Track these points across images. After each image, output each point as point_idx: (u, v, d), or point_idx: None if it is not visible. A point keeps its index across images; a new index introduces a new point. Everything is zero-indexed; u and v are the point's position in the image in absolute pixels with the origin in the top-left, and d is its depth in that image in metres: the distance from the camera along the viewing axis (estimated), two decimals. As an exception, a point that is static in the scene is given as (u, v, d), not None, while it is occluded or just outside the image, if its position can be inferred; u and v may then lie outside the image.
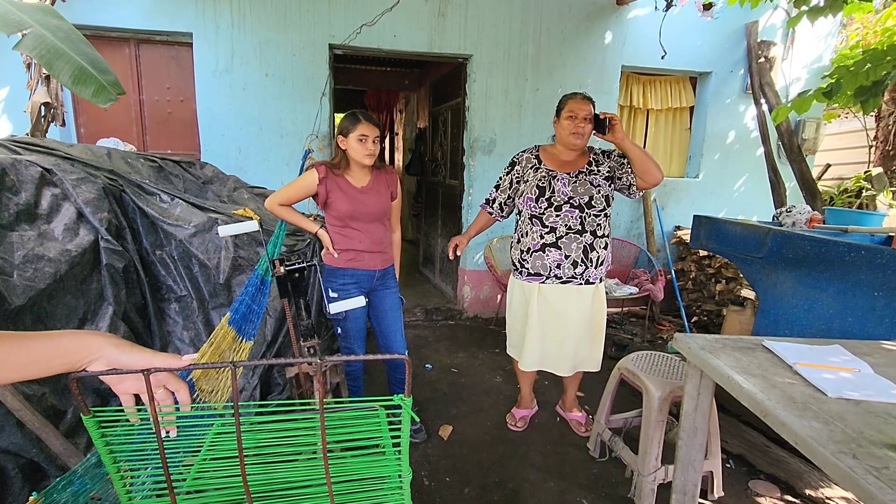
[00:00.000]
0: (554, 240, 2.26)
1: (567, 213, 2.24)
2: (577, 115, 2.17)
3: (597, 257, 2.27)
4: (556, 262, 2.26)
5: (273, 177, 3.65)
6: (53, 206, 2.21)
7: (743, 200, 4.73)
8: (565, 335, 2.32)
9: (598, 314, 2.34)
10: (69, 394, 2.05)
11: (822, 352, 1.54)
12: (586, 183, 2.23)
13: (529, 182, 2.29)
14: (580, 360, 2.37)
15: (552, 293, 2.30)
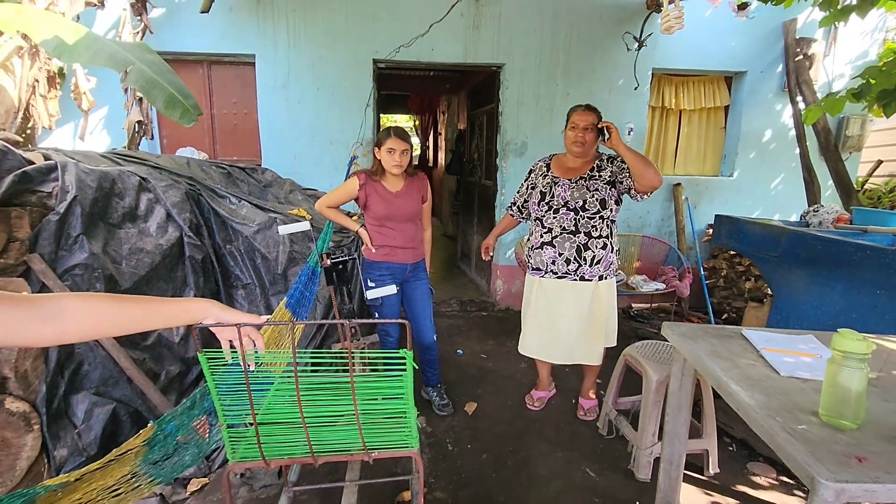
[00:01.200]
0: (550, 239, 2.52)
1: (563, 216, 2.48)
2: (578, 126, 2.41)
3: (591, 256, 2.47)
4: (551, 258, 2.51)
5: (323, 179, 4.07)
6: (149, 209, 2.69)
7: (779, 199, 4.72)
8: (560, 327, 2.56)
9: (597, 311, 2.52)
10: (162, 360, 2.53)
11: (793, 340, 1.73)
12: (583, 188, 2.46)
13: (537, 188, 2.58)
14: (578, 354, 2.57)
15: (549, 286, 2.56)
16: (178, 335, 2.65)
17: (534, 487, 2.19)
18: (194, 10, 3.69)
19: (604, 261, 2.49)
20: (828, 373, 1.23)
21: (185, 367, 2.67)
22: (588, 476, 2.26)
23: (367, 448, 1.25)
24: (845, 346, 1.18)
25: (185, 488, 2.17)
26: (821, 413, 1.25)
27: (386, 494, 2.14)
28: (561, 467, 2.32)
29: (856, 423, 1.20)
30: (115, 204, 2.51)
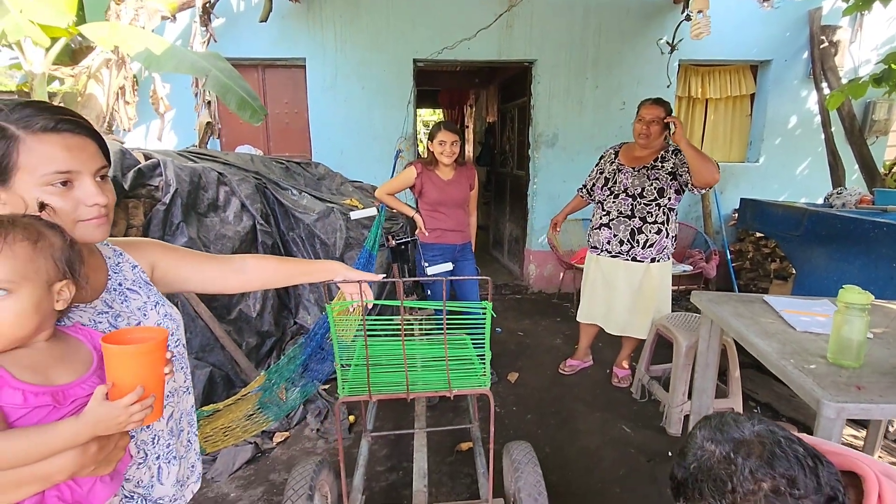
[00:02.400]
0: (607, 221, 2.79)
1: (622, 201, 2.73)
2: (644, 119, 2.64)
3: (644, 240, 2.71)
4: (606, 239, 2.79)
5: (368, 172, 4.39)
6: (226, 200, 3.05)
7: (805, 184, 4.84)
8: (613, 300, 2.84)
9: (647, 290, 2.78)
10: (242, 332, 2.89)
11: (809, 304, 1.97)
12: (644, 176, 2.68)
13: (604, 173, 2.85)
14: (627, 326, 2.86)
15: (605, 264, 2.84)
16: (255, 311, 3.01)
17: (575, 441, 2.48)
18: (251, 18, 4.04)
19: (657, 245, 2.70)
20: (835, 322, 1.48)
21: (260, 339, 3.02)
22: (624, 432, 2.53)
23: (451, 386, 1.55)
24: (848, 299, 1.43)
25: (271, 440, 2.52)
26: (828, 356, 1.50)
27: (446, 445, 2.45)
28: (599, 425, 2.60)
29: (857, 363, 1.45)
30: (202, 196, 2.87)
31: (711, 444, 0.80)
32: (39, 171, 0.73)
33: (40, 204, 0.73)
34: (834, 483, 0.74)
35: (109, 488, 0.72)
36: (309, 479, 1.60)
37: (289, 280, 1.26)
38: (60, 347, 0.71)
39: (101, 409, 0.64)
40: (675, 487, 0.85)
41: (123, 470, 0.78)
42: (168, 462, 0.89)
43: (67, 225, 0.75)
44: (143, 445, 0.86)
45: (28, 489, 0.63)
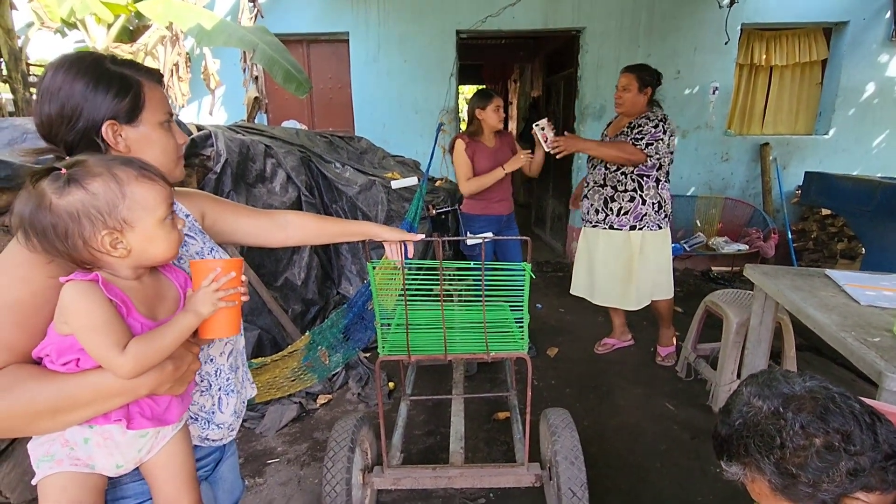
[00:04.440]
0: (586, 192, 2.83)
1: (597, 171, 2.73)
2: (618, 87, 2.60)
3: (618, 208, 2.67)
4: (586, 209, 2.83)
5: (410, 147, 4.40)
6: (273, 172, 3.14)
7: (881, 158, 4.46)
8: (598, 271, 2.82)
9: (628, 258, 2.70)
10: (288, 299, 2.99)
11: (876, 278, 1.83)
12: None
13: None
14: (612, 297, 2.81)
15: (588, 233, 2.86)
16: (300, 279, 3.12)
17: (615, 415, 2.44)
18: (297, -7, 4.09)
19: (633, 212, 2.64)
20: (904, 293, 1.36)
21: (305, 307, 3.13)
22: (667, 409, 2.46)
23: (488, 349, 1.55)
24: (922, 267, 1.31)
25: (315, 401, 2.63)
26: (894, 329, 1.39)
27: (483, 414, 2.47)
28: (640, 401, 2.54)
29: (929, 337, 1.34)
30: (250, 167, 2.97)
31: (759, 399, 0.76)
32: (159, 110, 0.86)
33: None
34: (893, 440, 0.70)
35: (181, 408, 0.80)
36: (350, 433, 1.66)
37: (329, 238, 1.29)
38: (157, 285, 0.79)
39: (196, 296, 0.75)
40: (718, 445, 0.82)
41: (191, 392, 0.86)
42: (227, 394, 0.96)
43: (172, 163, 0.90)
44: (208, 377, 0.93)
45: (118, 400, 0.71)
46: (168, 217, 0.75)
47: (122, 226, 0.70)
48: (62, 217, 0.67)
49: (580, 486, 1.54)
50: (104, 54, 0.87)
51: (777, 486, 0.73)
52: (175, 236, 0.77)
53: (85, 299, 0.67)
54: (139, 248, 0.73)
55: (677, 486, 1.95)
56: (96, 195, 0.69)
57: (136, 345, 0.68)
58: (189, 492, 0.83)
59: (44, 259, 0.70)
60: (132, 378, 0.68)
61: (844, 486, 0.68)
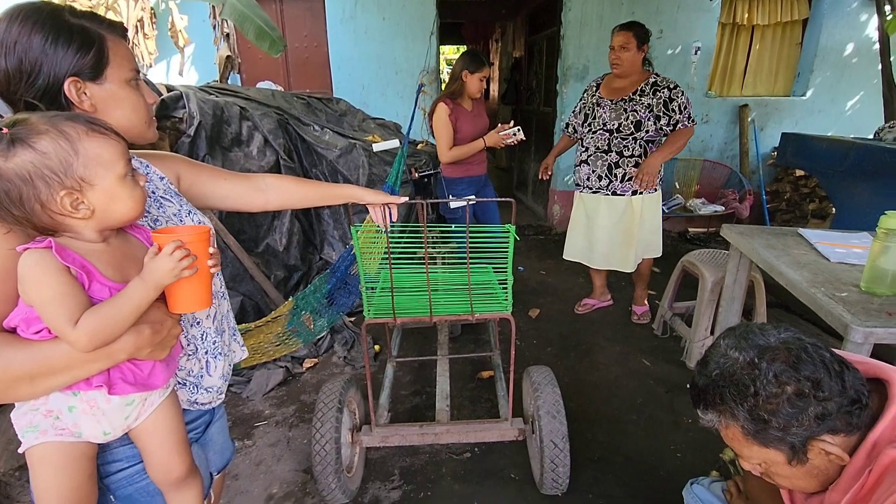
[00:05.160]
0: (586, 157, 2.75)
1: (599, 136, 2.67)
2: (614, 47, 2.53)
3: (622, 174, 2.66)
4: (586, 175, 2.77)
5: (390, 108, 4.30)
6: (249, 135, 3.04)
7: (855, 120, 4.53)
8: (598, 236, 2.83)
9: (629, 223, 2.73)
10: (270, 265, 2.97)
11: (846, 236, 1.90)
12: (621, 109, 2.59)
13: (585, 108, 2.76)
14: (613, 261, 2.84)
15: (587, 200, 2.82)
16: (282, 245, 3.08)
17: (594, 372, 2.53)
18: (267, -57, 3.85)
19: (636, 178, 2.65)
20: (872, 249, 1.42)
21: (287, 273, 3.11)
22: (643, 364, 2.56)
23: (473, 311, 1.58)
24: (891, 224, 1.37)
25: (301, 365, 2.65)
26: (861, 284, 1.46)
27: (468, 374, 2.53)
28: (618, 358, 2.64)
29: (892, 291, 1.41)
30: (225, 130, 2.87)
31: (735, 351, 0.80)
32: (125, 67, 0.81)
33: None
34: (859, 387, 0.74)
35: (166, 373, 0.79)
36: (338, 395, 1.69)
37: (310, 201, 1.27)
38: (126, 247, 0.77)
39: (153, 262, 0.70)
40: (695, 395, 0.86)
41: (177, 357, 0.85)
42: (215, 357, 0.96)
43: (144, 124, 0.86)
44: (194, 340, 0.93)
45: (96, 365, 0.70)
46: (128, 173, 0.72)
47: (81, 185, 0.67)
48: (13, 181, 0.64)
49: (561, 438, 1.61)
50: (61, 5, 0.81)
51: (749, 431, 0.77)
52: (139, 193, 0.73)
53: (37, 269, 0.64)
54: (102, 207, 0.70)
55: (652, 436, 2.05)
56: (47, 154, 0.65)
57: (89, 318, 0.65)
58: (180, 456, 0.84)
59: (1, 229, 0.67)
60: (92, 351, 0.66)
61: (812, 429, 0.73)
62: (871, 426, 0.74)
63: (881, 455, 0.71)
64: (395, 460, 1.95)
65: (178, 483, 0.83)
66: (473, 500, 1.75)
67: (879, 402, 0.76)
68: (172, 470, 0.82)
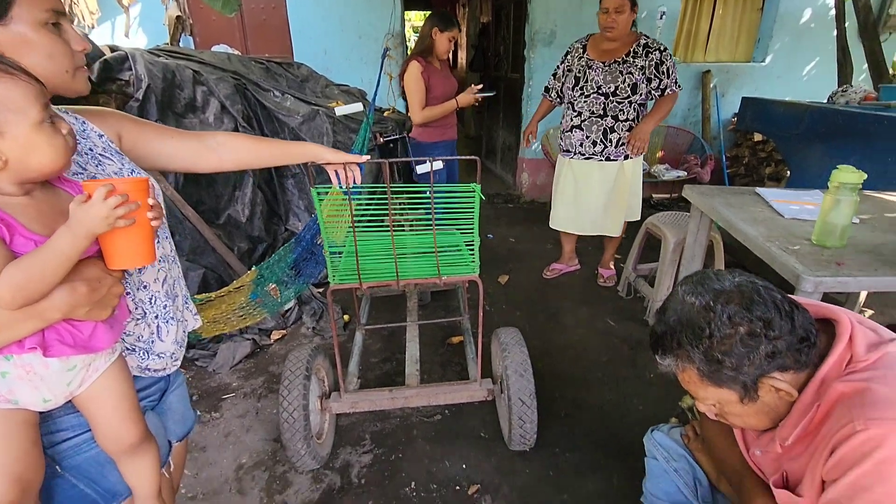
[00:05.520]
0: (579, 122, 2.68)
1: (593, 100, 2.60)
2: (609, 10, 2.45)
3: (617, 139, 2.64)
4: (579, 141, 2.70)
5: (354, 74, 4.16)
6: (205, 101, 2.89)
7: (811, 86, 4.66)
8: (588, 203, 2.81)
9: (621, 188, 2.75)
10: (233, 237, 2.88)
11: (801, 194, 1.96)
12: (616, 72, 2.54)
13: (572, 72, 2.67)
14: (601, 226, 2.86)
15: (578, 167, 2.77)
16: (244, 216, 2.98)
17: (562, 333, 2.58)
18: None
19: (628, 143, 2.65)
20: (824, 203, 1.47)
21: (251, 244, 3.03)
22: (608, 324, 2.63)
23: (440, 273, 1.57)
24: (842, 178, 1.42)
25: (269, 337, 2.61)
26: (813, 238, 1.52)
27: (438, 339, 2.55)
28: (585, 319, 2.70)
29: (841, 244, 1.47)
30: (178, 95, 2.72)
31: (692, 296, 0.81)
32: (37, 6, 0.73)
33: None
34: (807, 326, 0.77)
35: (110, 335, 0.75)
36: (305, 362, 1.67)
37: (267, 160, 1.22)
38: (54, 200, 0.71)
39: (81, 210, 0.64)
40: (654, 342, 0.87)
41: (123, 320, 0.81)
42: (167, 322, 0.92)
43: (65, 73, 0.78)
44: (142, 304, 0.88)
45: (26, 325, 0.65)
46: (46, 119, 0.66)
47: None
48: None
49: (529, 395, 1.64)
50: None
51: (704, 373, 0.79)
52: (60, 141, 0.67)
53: None
54: (17, 157, 0.64)
55: (616, 391, 2.13)
56: None
57: (10, 271, 0.60)
58: (131, 423, 0.80)
59: None
60: (18, 308, 0.62)
61: (763, 367, 0.76)
62: (819, 364, 0.77)
63: (829, 390, 0.74)
64: (366, 426, 1.96)
65: (130, 451, 0.80)
66: (444, 460, 1.79)
67: (827, 341, 0.79)
68: (124, 438, 0.79)
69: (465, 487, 1.67)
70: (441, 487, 1.68)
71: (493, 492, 1.65)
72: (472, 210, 1.44)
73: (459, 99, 2.64)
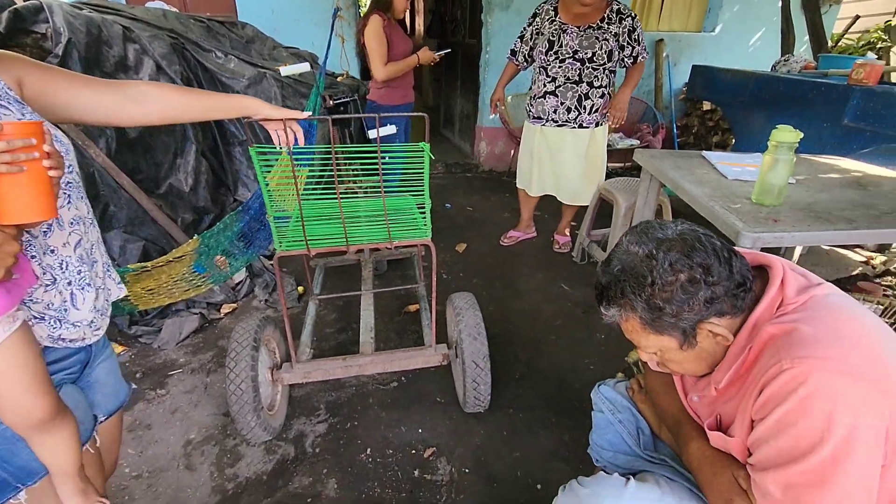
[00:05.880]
0: (553, 88, 2.60)
1: (569, 66, 2.53)
2: None
3: (591, 105, 2.60)
4: (553, 107, 2.64)
5: (304, 36, 3.95)
6: (137, 60, 2.68)
7: (758, 56, 4.79)
8: (561, 169, 2.79)
9: (593, 156, 2.74)
10: (176, 208, 2.72)
11: (742, 157, 2.02)
12: (593, 37, 2.47)
13: (544, 35, 2.58)
14: (574, 193, 2.85)
15: (551, 134, 2.73)
16: (188, 185, 2.82)
17: (517, 299, 2.61)
18: None
19: (601, 109, 2.63)
20: (763, 163, 1.51)
21: (197, 216, 2.87)
22: (563, 289, 2.68)
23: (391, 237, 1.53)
24: (780, 137, 1.45)
25: (219, 311, 2.52)
26: (752, 197, 1.57)
27: (394, 308, 2.53)
28: (540, 285, 2.74)
29: (778, 202, 1.52)
30: (106, 52, 2.50)
31: (636, 245, 0.81)
32: None
33: None
34: (744, 272, 0.78)
35: (7, 300, 0.68)
36: (253, 333, 1.61)
37: (198, 113, 1.12)
38: None
39: None
40: (599, 293, 0.88)
41: (26, 286, 0.74)
42: (82, 289, 0.85)
43: None
44: (51, 269, 0.81)
45: None
46: None
47: None
48: None
49: (483, 358, 1.65)
50: None
51: (646, 321, 0.80)
52: None
53: None
54: None
55: (569, 353, 2.18)
56: None
57: None
58: (38, 396, 0.74)
59: None
60: None
61: (702, 313, 0.77)
62: (752, 309, 0.79)
63: (760, 333, 0.77)
64: (321, 396, 1.93)
65: (39, 426, 0.74)
66: (400, 426, 1.79)
67: (761, 287, 0.81)
68: (29, 412, 0.73)
69: (420, 451, 1.68)
70: (397, 452, 1.68)
71: (448, 453, 1.67)
72: (422, 171, 1.40)
73: (420, 54, 2.56)
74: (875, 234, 1.42)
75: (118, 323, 2.29)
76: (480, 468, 1.62)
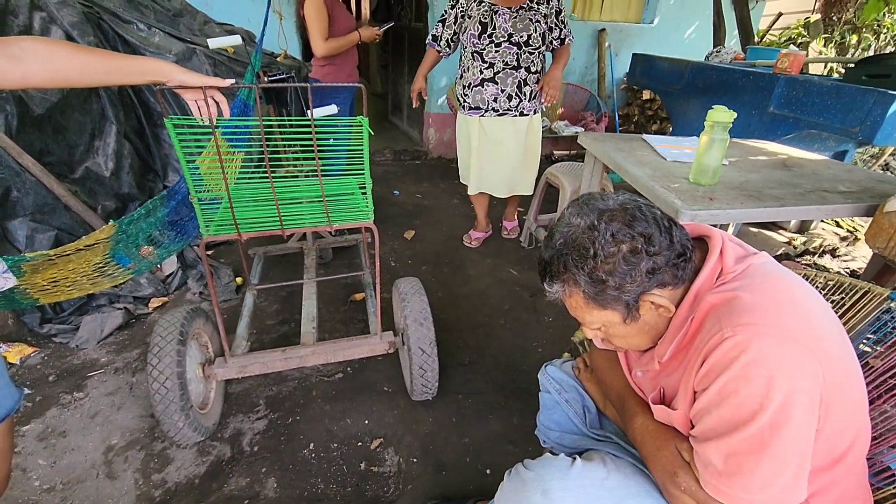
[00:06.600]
0: (492, 75, 2.43)
1: (506, 50, 2.37)
2: None
3: (530, 91, 2.50)
4: (493, 95, 2.46)
5: (239, 12, 3.72)
6: (44, 29, 2.40)
7: (693, 47, 4.99)
8: (502, 162, 2.66)
9: (532, 143, 2.66)
10: (95, 195, 2.49)
11: (681, 140, 2.08)
12: (526, 19, 2.36)
13: (473, 17, 2.40)
14: (515, 184, 2.75)
15: (490, 125, 2.54)
16: (108, 170, 2.58)
17: (466, 284, 2.58)
18: None
19: (538, 95, 2.53)
20: (700, 144, 1.55)
21: (120, 203, 2.64)
22: (511, 274, 2.68)
23: (330, 220, 1.44)
24: (715, 117, 1.49)
25: (147, 305, 2.33)
26: (690, 177, 1.60)
27: (339, 298, 2.43)
28: (489, 270, 2.73)
29: (713, 181, 1.57)
30: (11, 22, 2.23)
31: (577, 217, 0.78)
32: None
33: None
34: (685, 241, 0.77)
35: None
36: (179, 326, 1.48)
37: (96, 76, 0.97)
38: None
39: None
40: (542, 269, 0.84)
41: None
42: None
43: None
44: None
45: None
46: None
47: None
48: None
49: (429, 344, 1.60)
50: None
51: (590, 295, 0.78)
52: None
53: None
54: None
55: (517, 336, 2.18)
56: None
57: None
58: None
59: None
60: None
61: (644, 284, 0.75)
62: (693, 280, 0.79)
63: (702, 303, 0.76)
64: (260, 391, 1.83)
65: None
66: (345, 418, 1.72)
67: (701, 257, 0.81)
68: None
69: (367, 442, 1.62)
70: (342, 445, 1.61)
71: (396, 443, 1.62)
72: (361, 147, 1.32)
73: (361, 31, 2.46)
74: (800, 211, 1.49)
75: (27, 321, 2.06)
76: (429, 456, 1.58)
